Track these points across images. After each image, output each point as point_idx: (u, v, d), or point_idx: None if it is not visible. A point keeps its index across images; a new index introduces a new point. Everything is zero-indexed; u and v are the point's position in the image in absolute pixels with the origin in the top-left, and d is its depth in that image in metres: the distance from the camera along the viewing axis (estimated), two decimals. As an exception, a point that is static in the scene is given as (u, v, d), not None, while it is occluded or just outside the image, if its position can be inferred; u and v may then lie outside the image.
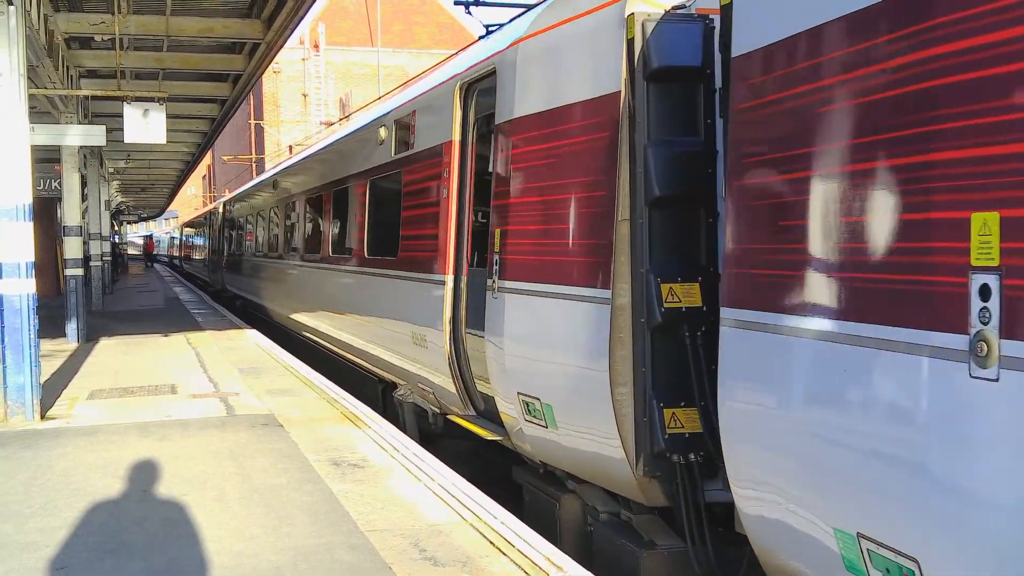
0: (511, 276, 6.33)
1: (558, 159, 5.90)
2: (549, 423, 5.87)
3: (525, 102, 6.29)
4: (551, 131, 5.96)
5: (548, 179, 6.01)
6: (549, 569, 4.67)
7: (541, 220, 6.09)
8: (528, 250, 6.21)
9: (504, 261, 6.43)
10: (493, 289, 6.55)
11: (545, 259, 5.98)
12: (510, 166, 6.44)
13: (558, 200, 5.87)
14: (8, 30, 8.44)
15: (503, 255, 6.45)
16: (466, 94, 7.65)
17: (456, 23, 55.04)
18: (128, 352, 14.02)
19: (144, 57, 15.59)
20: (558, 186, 5.87)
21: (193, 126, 22.87)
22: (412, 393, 9.08)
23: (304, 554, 4.95)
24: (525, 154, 6.29)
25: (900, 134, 3.33)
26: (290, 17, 12.59)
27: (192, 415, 8.90)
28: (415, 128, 8.90)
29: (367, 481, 6.39)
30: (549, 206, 5.98)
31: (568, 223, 5.74)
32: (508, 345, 6.30)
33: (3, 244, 8.48)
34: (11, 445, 7.72)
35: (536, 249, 6.13)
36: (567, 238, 5.74)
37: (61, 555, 5.04)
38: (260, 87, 50.35)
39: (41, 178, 20.38)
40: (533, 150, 6.19)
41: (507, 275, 6.37)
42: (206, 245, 34.83)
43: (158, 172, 35.31)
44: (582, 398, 5.49)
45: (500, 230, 6.51)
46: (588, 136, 5.55)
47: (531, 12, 6.94)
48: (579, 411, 5.57)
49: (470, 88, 7.59)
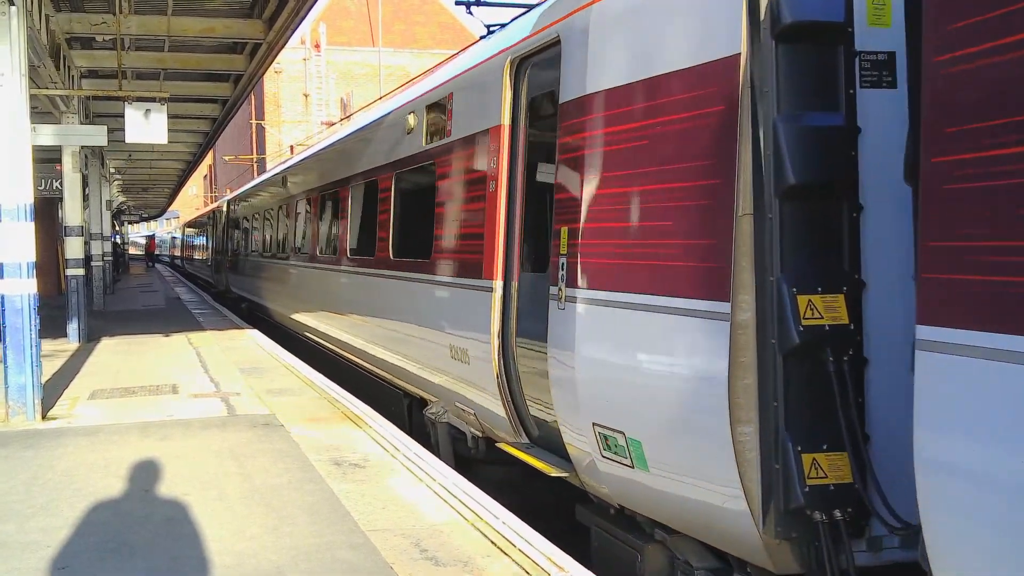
0: (585, 283, 5.31)
1: (651, 141, 4.86)
2: (636, 462, 4.88)
3: (603, 74, 5.27)
4: (640, 108, 4.97)
5: (637, 166, 4.96)
6: (550, 569, 4.67)
7: (628, 216, 5.05)
8: (609, 252, 5.18)
9: (574, 265, 5.42)
10: (559, 298, 5.53)
11: (635, 263, 4.95)
12: (582, 152, 5.41)
13: (653, 191, 4.85)
14: (9, 30, 8.44)
15: (572, 258, 5.44)
16: (518, 71, 6.65)
17: (457, 23, 55.04)
18: (129, 352, 14.02)
19: (145, 57, 15.60)
20: (652, 174, 4.84)
21: (194, 126, 22.88)
22: (446, 412, 8.05)
23: (305, 553, 4.96)
24: (604, 137, 5.25)
25: None
26: (291, 17, 12.60)
27: (193, 415, 8.90)
28: (453, 113, 7.81)
29: (368, 481, 6.39)
30: (639, 198, 4.97)
31: (667, 219, 4.74)
32: (580, 366, 5.29)
33: (4, 244, 8.49)
34: (12, 445, 7.73)
35: (621, 251, 5.09)
36: (666, 237, 4.74)
37: (63, 555, 5.04)
38: (261, 87, 50.36)
39: (42, 178, 20.39)
40: (615, 131, 5.17)
41: (579, 282, 5.35)
42: (209, 245, 34.10)
43: (159, 172, 35.33)
44: (688, 436, 4.54)
45: (568, 228, 5.50)
46: (695, 111, 4.56)
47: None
48: (682, 452, 4.61)
49: (523, 64, 6.59)
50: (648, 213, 4.89)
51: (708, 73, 4.45)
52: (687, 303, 4.50)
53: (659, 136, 4.82)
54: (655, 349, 4.81)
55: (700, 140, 4.50)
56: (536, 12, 6.78)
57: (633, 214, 5.01)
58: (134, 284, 37.29)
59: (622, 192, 5.10)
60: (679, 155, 4.65)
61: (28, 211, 8.57)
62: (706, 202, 4.42)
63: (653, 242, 4.82)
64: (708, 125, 4.44)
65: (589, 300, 5.25)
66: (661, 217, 4.77)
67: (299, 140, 42.61)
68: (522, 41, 6.55)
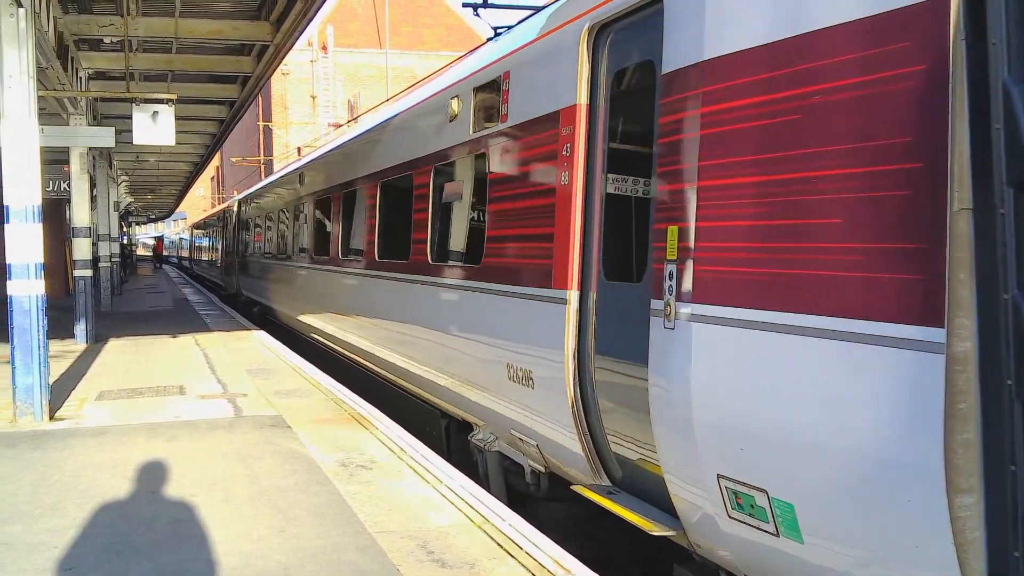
0: (709, 297, 4.29)
1: (809, 116, 3.89)
2: (784, 530, 3.92)
3: (731, 34, 4.31)
4: (790, 73, 3.98)
5: (786, 147, 3.98)
6: (557, 571, 4.66)
7: (773, 212, 4.02)
8: (746, 258, 4.12)
9: (687, 273, 4.42)
10: (667, 314, 4.53)
11: (787, 274, 3.93)
12: (699, 133, 4.42)
13: (813, 180, 3.85)
14: (18, 32, 8.46)
15: (684, 264, 4.44)
16: (597, 40, 5.67)
17: (464, 25, 55.06)
18: (137, 353, 14.05)
19: (153, 59, 15.64)
20: (811, 157, 3.87)
21: (202, 128, 22.94)
22: (497, 440, 7.07)
23: (311, 555, 4.95)
24: (731, 113, 4.27)
25: None
26: (299, 19, 12.61)
27: (200, 416, 8.91)
28: (511, 94, 6.78)
29: (375, 482, 6.39)
30: (792, 189, 3.94)
31: (837, 216, 3.72)
32: (700, 402, 4.28)
33: (13, 245, 8.51)
34: (20, 446, 7.74)
35: (764, 257, 4.03)
36: (839, 240, 3.71)
37: (70, 556, 5.04)
38: (269, 89, 50.47)
39: (50, 179, 20.47)
40: (747, 105, 4.18)
41: (698, 295, 4.35)
42: (219, 247, 33.25)
43: (167, 173, 35.44)
44: (871, 504, 3.53)
45: (678, 227, 4.51)
46: (880, 73, 3.58)
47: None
48: (860, 524, 3.59)
49: (603, 31, 5.62)
50: (808, 208, 3.87)
51: (899, 22, 3.48)
52: (870, 327, 3.50)
53: (822, 108, 3.83)
54: (824, 388, 3.72)
55: (888, 112, 3.53)
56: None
57: (782, 210, 3.97)
58: (142, 285, 37.38)
59: (762, 181, 4.07)
60: (855, 132, 3.67)
61: (36, 212, 8.58)
62: (901, 193, 3.47)
63: (817, 246, 3.81)
64: (900, 91, 3.47)
65: (715, 319, 4.23)
66: (824, 212, 3.79)
67: (306, 142, 42.71)
68: (603, 4, 5.59)
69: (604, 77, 5.62)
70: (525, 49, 6.71)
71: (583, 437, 5.58)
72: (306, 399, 9.84)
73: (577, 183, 5.64)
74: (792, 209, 3.92)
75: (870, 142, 3.60)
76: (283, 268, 17.60)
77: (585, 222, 5.63)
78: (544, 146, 6.12)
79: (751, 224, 4.11)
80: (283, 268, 17.60)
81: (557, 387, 5.72)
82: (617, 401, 5.25)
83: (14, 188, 8.51)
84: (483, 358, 6.98)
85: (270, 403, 9.59)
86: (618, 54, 5.52)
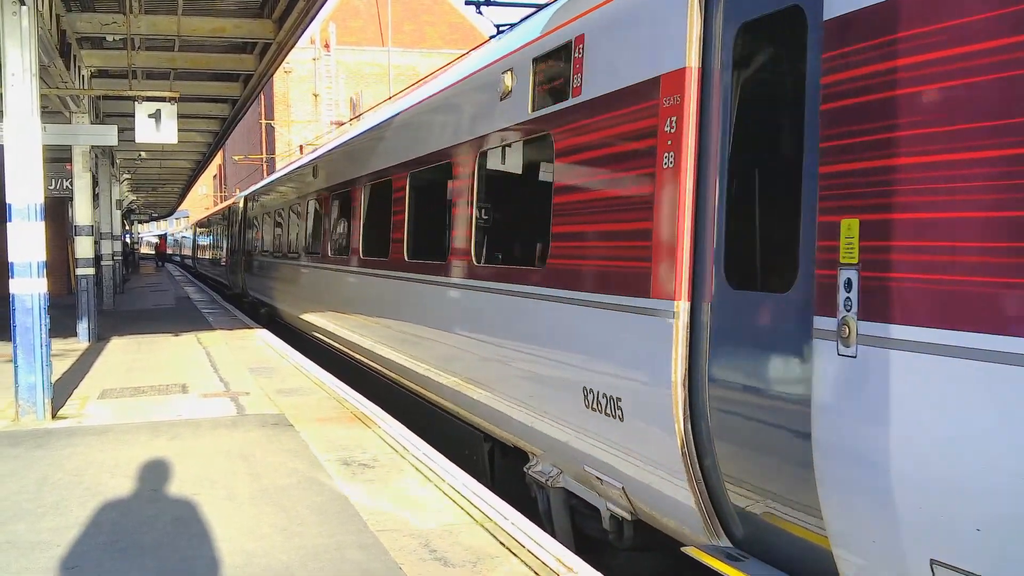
0: (914, 317, 3.27)
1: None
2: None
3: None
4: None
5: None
6: (559, 569, 4.65)
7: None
8: (975, 264, 3.09)
9: (878, 284, 3.42)
10: (845, 338, 3.54)
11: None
12: (892, 93, 3.39)
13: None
14: (20, 30, 8.46)
15: (872, 271, 3.46)
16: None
17: (467, 23, 55.05)
18: (139, 351, 14.06)
19: (156, 57, 15.64)
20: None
21: (204, 126, 22.96)
22: (561, 474, 6.08)
23: (314, 553, 4.95)
24: (955, 63, 3.17)
25: None
26: (301, 17, 12.61)
27: (203, 414, 8.91)
28: (585, 63, 5.70)
29: (377, 481, 6.39)
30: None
31: None
32: (907, 458, 3.29)
33: (15, 243, 8.51)
34: (23, 444, 7.74)
35: (1009, 263, 2.99)
36: None
37: (72, 554, 5.04)
38: (271, 87, 50.49)
39: (52, 177, 20.49)
40: (984, 51, 3.07)
41: (899, 313, 3.33)
42: (224, 245, 32.41)
43: (169, 171, 35.47)
44: None
45: (859, 220, 3.51)
46: None
47: None
48: None
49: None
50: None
51: None
52: None
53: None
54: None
55: None
56: None
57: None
58: (144, 283, 37.41)
59: (1009, 156, 3.00)
60: None
61: (38, 211, 8.59)
62: None
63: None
64: None
65: (930, 346, 3.19)
66: None
67: (308, 140, 42.71)
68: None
69: (720, 33, 4.57)
70: (605, 7, 5.61)
71: (695, 486, 4.57)
72: (308, 397, 9.84)
73: (687, 166, 4.60)
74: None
75: None
76: (296, 269, 16.08)
77: (697, 215, 4.60)
78: (636, 122, 5.07)
79: (988, 216, 3.05)
80: (296, 269, 16.08)
81: (658, 421, 4.73)
82: (741, 443, 4.29)
83: (16, 186, 8.51)
84: (549, 379, 6.01)
85: (272, 401, 9.59)
86: (736, 9, 4.48)
